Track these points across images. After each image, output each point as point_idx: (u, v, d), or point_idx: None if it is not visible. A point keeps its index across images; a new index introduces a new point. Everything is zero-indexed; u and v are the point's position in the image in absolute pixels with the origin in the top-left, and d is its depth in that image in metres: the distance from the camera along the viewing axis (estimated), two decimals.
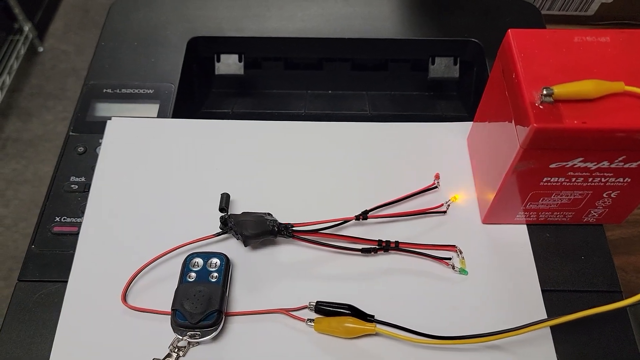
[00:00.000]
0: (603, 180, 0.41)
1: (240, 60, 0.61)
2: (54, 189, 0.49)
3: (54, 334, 0.41)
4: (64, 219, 0.47)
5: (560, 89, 0.36)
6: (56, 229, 0.47)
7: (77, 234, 0.46)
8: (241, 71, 0.61)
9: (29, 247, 0.46)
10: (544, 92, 0.36)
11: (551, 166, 0.39)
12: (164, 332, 0.41)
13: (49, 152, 1.37)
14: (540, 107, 0.36)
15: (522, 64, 0.38)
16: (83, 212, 0.47)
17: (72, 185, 0.49)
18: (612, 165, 0.39)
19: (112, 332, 0.41)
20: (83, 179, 0.50)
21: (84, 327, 0.42)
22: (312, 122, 0.54)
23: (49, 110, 1.45)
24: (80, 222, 0.47)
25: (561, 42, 0.40)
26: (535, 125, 0.35)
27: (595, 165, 0.39)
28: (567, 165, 0.39)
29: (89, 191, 0.49)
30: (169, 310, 0.41)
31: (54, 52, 1.57)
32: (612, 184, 0.41)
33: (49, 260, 0.45)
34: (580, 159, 0.38)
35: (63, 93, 1.48)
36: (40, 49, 1.56)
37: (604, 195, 0.43)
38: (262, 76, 0.65)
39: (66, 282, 0.44)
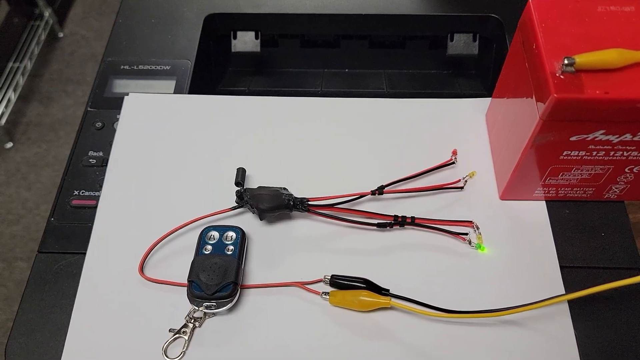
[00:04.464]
0: (625, 154, 0.40)
1: (256, 38, 0.61)
2: (73, 164, 0.50)
3: (73, 304, 0.42)
4: (83, 192, 0.48)
5: (582, 59, 0.35)
6: (75, 202, 0.47)
7: (95, 207, 0.47)
8: (257, 48, 0.61)
9: (48, 219, 0.46)
10: (566, 61, 0.35)
11: (571, 139, 0.38)
12: (180, 303, 0.41)
13: (69, 136, 1.38)
14: (561, 77, 0.35)
15: (543, 34, 0.37)
16: (101, 186, 0.48)
17: (91, 160, 0.50)
18: (635, 138, 0.38)
19: (129, 303, 0.42)
20: (101, 154, 0.50)
21: (102, 298, 0.42)
22: (328, 98, 0.53)
23: (68, 95, 1.46)
24: (98, 196, 0.47)
25: (584, 12, 0.39)
26: (555, 95, 0.35)
27: (617, 138, 0.38)
28: (588, 138, 0.38)
29: (106, 165, 0.49)
30: (186, 282, 0.41)
31: (73, 37, 1.59)
32: (635, 158, 0.40)
33: (68, 233, 0.46)
34: (602, 131, 0.37)
35: (83, 78, 1.50)
36: (60, 35, 1.58)
37: (626, 170, 0.42)
38: (278, 54, 0.64)
39: (84, 254, 0.44)
